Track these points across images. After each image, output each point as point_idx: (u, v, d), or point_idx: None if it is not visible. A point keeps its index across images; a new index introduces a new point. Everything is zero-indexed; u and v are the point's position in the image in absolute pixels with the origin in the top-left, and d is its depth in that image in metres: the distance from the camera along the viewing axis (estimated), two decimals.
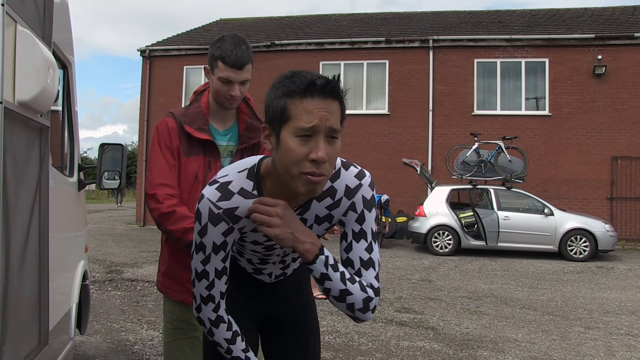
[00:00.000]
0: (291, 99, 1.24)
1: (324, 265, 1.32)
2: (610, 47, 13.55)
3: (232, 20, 20.11)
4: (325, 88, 1.23)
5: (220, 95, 2.03)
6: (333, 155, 1.26)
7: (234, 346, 1.48)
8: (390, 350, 4.41)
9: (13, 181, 1.67)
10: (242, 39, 2.02)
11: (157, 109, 15.72)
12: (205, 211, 1.35)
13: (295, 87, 1.24)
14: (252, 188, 1.36)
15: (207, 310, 1.45)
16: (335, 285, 1.33)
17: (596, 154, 13.43)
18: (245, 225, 1.39)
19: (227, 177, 1.38)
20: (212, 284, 1.42)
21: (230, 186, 1.36)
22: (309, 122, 1.22)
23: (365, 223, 1.42)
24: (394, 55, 14.83)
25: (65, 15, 2.82)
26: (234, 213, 1.36)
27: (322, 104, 1.23)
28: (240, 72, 1.98)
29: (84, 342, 4.34)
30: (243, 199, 1.36)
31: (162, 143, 2.05)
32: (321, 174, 1.24)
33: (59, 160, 2.83)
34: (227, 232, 1.38)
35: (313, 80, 1.23)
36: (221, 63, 1.97)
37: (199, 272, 1.42)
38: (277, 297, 1.65)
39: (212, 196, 1.35)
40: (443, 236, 10.98)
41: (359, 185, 1.42)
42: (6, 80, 1.58)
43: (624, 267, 9.59)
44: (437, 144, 14.25)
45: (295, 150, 1.23)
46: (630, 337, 4.94)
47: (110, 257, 9.27)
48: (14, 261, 1.70)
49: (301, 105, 1.23)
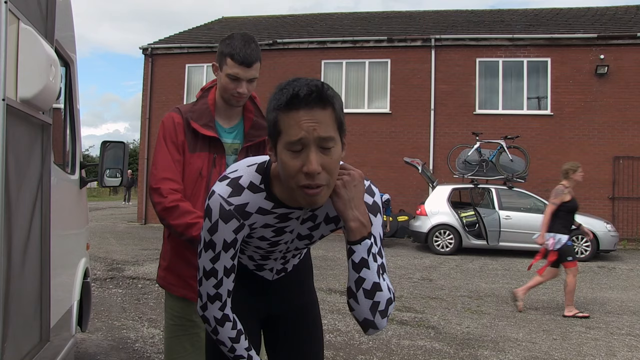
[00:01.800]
0: (279, 113, 1.23)
1: (367, 250, 1.29)
2: (612, 47, 13.51)
3: (235, 19, 20.10)
4: (309, 98, 1.20)
5: (227, 92, 2.04)
6: (330, 164, 1.23)
7: (238, 345, 1.47)
8: (390, 349, 4.41)
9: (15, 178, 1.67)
10: (251, 38, 2.02)
11: (159, 107, 15.73)
12: (216, 208, 1.34)
13: (281, 101, 1.22)
14: (260, 182, 1.36)
15: (214, 308, 1.43)
16: (371, 276, 1.29)
17: (598, 154, 13.40)
18: (256, 221, 1.39)
19: (237, 172, 1.38)
20: (220, 282, 1.41)
21: (240, 181, 1.36)
22: (295, 135, 1.20)
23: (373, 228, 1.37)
24: (396, 54, 14.81)
25: (67, 12, 2.83)
26: (245, 209, 1.35)
27: (307, 115, 1.20)
28: (249, 70, 1.98)
29: (85, 340, 4.35)
30: (252, 193, 1.35)
31: (168, 138, 2.05)
32: (318, 185, 1.22)
33: (60, 157, 2.84)
34: (238, 229, 1.36)
35: (296, 93, 1.20)
36: (230, 60, 1.98)
37: (207, 270, 1.40)
38: (280, 294, 1.65)
39: (224, 192, 1.34)
40: (444, 235, 10.98)
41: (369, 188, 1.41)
42: (9, 78, 1.58)
43: (626, 267, 9.58)
44: (438, 143, 14.24)
45: (289, 164, 1.22)
46: (632, 337, 4.94)
47: (111, 254, 9.28)
48: (16, 258, 1.70)
49: (287, 119, 1.22)
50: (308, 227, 1.46)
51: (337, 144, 1.25)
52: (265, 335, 1.70)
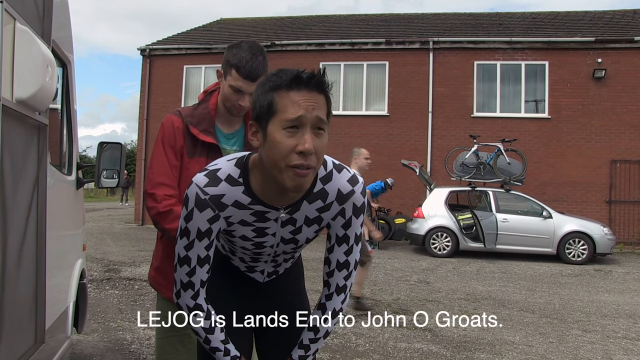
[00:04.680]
0: (277, 92, 1.27)
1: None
2: (610, 51, 13.55)
3: (233, 20, 20.10)
4: (310, 81, 1.26)
5: (229, 102, 2.02)
6: (320, 147, 1.28)
7: (212, 336, 1.50)
8: (387, 351, 4.40)
9: (11, 179, 1.66)
10: (260, 49, 1.97)
11: (157, 108, 15.71)
12: (193, 196, 1.38)
13: (281, 81, 1.27)
14: (239, 175, 1.39)
15: (186, 296, 1.48)
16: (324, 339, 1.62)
17: (595, 157, 13.43)
18: (232, 214, 1.41)
19: (216, 165, 1.41)
20: (193, 270, 1.44)
21: (218, 173, 1.39)
22: (295, 113, 1.25)
23: (350, 229, 1.48)
24: (394, 56, 14.83)
25: (64, 13, 2.82)
26: (221, 200, 1.38)
27: (307, 95, 1.26)
28: (253, 84, 1.91)
29: (81, 341, 4.33)
30: (230, 186, 1.38)
31: (166, 142, 2.03)
32: (309, 166, 1.26)
33: (57, 158, 2.83)
34: (213, 219, 1.39)
35: (298, 74, 1.27)
36: (235, 72, 1.94)
37: (182, 257, 1.44)
38: (271, 296, 1.67)
39: (201, 182, 1.38)
40: (441, 238, 10.98)
41: (352, 192, 1.44)
42: (5, 78, 1.58)
43: (622, 271, 9.59)
44: (436, 145, 14.25)
45: (283, 142, 1.25)
46: (628, 341, 4.94)
47: (108, 255, 9.26)
48: (11, 259, 1.69)
49: (287, 98, 1.26)
50: (290, 230, 1.48)
51: (326, 131, 1.31)
52: (256, 337, 1.71)
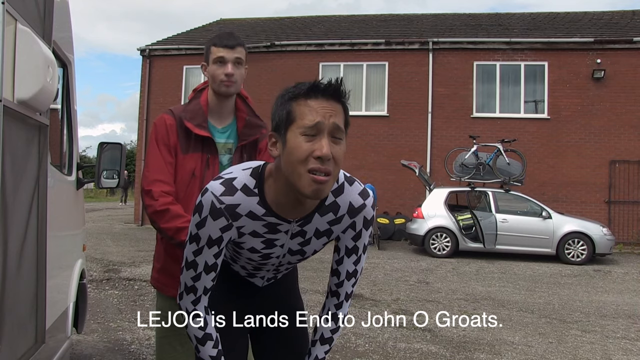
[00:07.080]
0: (296, 101, 1.30)
1: None
2: (609, 51, 13.56)
3: (232, 20, 20.10)
4: (328, 89, 1.30)
5: (216, 80, 2.07)
6: (338, 154, 1.30)
7: (203, 348, 1.50)
8: (387, 352, 4.41)
9: (11, 179, 1.67)
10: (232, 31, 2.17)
11: (157, 108, 15.69)
12: (208, 204, 1.38)
13: (299, 91, 1.31)
14: (254, 186, 1.39)
15: (187, 300, 1.48)
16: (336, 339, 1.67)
17: (594, 158, 13.44)
18: (245, 225, 1.40)
19: (231, 174, 1.42)
20: (198, 276, 1.45)
21: (234, 182, 1.39)
22: (312, 120, 1.27)
23: (360, 240, 1.50)
24: (394, 57, 14.83)
25: (65, 13, 2.82)
26: (235, 210, 1.38)
27: (324, 103, 1.29)
28: (232, 52, 2.05)
29: (81, 341, 4.33)
30: (245, 196, 1.38)
31: (160, 140, 2.06)
32: (327, 170, 1.27)
33: (57, 158, 2.83)
34: (225, 228, 1.39)
35: (316, 83, 1.30)
36: (214, 47, 2.07)
37: (189, 261, 1.45)
38: (267, 298, 1.68)
39: (217, 190, 1.38)
40: (441, 238, 10.98)
41: (363, 205, 1.46)
42: (6, 78, 1.58)
43: (621, 271, 9.60)
44: (436, 146, 14.25)
45: (301, 147, 1.27)
46: (627, 341, 4.95)
47: (108, 256, 9.25)
48: (12, 259, 1.70)
49: (305, 105, 1.29)
50: (298, 242, 1.48)
51: (344, 140, 1.33)
52: (252, 338, 1.72)
